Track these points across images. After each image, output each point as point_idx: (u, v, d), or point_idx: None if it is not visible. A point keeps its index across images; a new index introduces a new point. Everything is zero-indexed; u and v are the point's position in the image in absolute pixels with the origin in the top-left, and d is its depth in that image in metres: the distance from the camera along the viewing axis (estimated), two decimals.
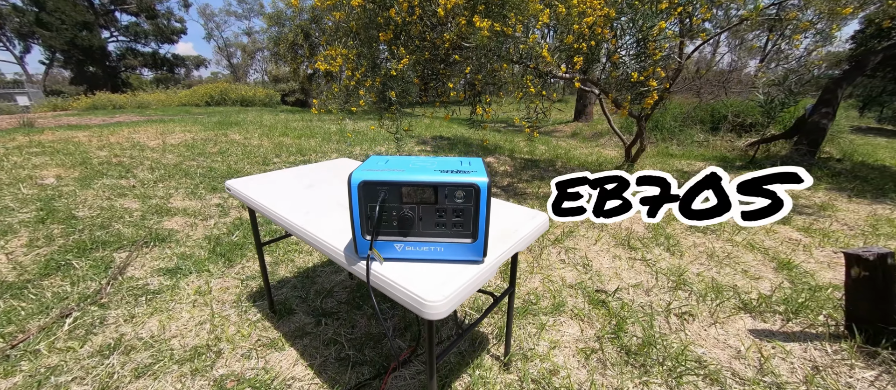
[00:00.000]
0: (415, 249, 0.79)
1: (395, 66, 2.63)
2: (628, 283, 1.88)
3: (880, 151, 5.95)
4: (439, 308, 0.68)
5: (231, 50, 30.74)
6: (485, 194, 0.73)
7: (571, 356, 1.39)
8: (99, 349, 1.37)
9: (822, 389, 1.21)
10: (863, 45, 10.04)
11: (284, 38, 10.56)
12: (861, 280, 1.25)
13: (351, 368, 1.31)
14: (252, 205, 1.22)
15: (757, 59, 7.44)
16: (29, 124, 7.06)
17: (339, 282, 1.86)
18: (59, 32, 18.75)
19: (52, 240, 2.23)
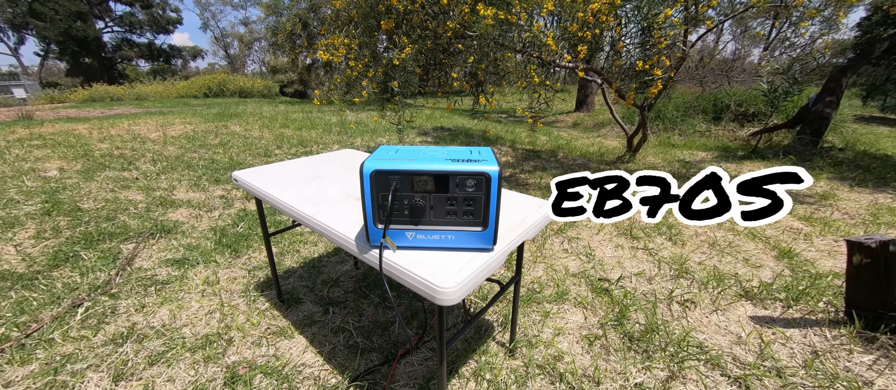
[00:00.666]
0: (426, 237, 0.80)
1: (397, 55, 2.60)
2: (631, 272, 1.91)
3: (883, 141, 5.93)
4: (452, 294, 0.70)
5: (228, 40, 30.32)
6: (496, 183, 0.73)
7: (575, 342, 1.41)
8: (112, 337, 1.40)
9: (821, 373, 1.24)
10: (869, 33, 9.90)
11: (282, 28, 10.41)
12: (863, 267, 1.26)
13: (360, 355, 1.33)
14: (260, 195, 1.22)
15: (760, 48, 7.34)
16: (28, 117, 7.03)
17: (345, 272, 1.88)
18: (53, 23, 18.48)
19: (59, 232, 2.24)
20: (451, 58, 3.06)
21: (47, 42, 20.09)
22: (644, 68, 2.46)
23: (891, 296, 1.26)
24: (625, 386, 1.21)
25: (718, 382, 1.22)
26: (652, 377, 1.24)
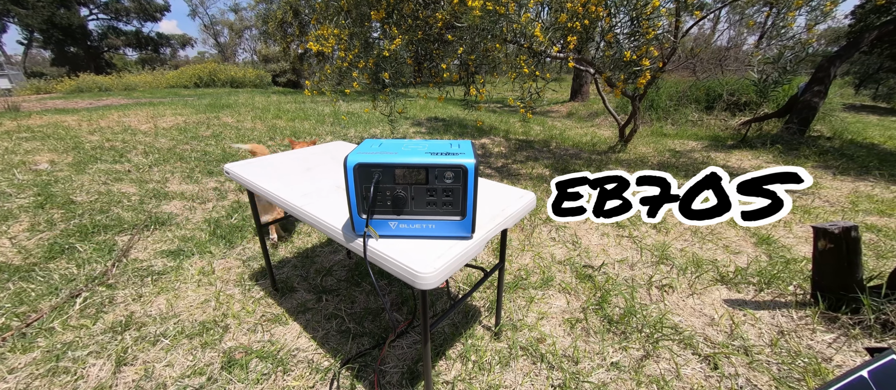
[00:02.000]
0: (408, 226, 0.85)
1: (387, 46, 2.60)
2: (614, 259, 1.98)
3: (870, 129, 6.04)
4: (430, 279, 0.75)
5: (217, 28, 29.56)
6: (472, 175, 0.78)
7: (557, 326, 1.48)
8: (111, 326, 1.45)
9: (785, 351, 1.32)
10: (862, 21, 9.92)
11: (273, 16, 10.19)
12: (827, 251, 1.34)
13: (352, 339, 1.39)
14: (252, 187, 1.26)
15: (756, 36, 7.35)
16: (15, 108, 6.89)
17: (338, 262, 1.93)
18: (36, 10, 17.89)
19: (53, 225, 2.26)
20: (443, 48, 3.06)
21: (30, 30, 19.47)
22: (632, 59, 2.49)
23: (851, 279, 1.34)
24: (602, 364, 1.28)
25: (689, 360, 1.30)
26: (628, 356, 1.32)
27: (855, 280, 1.34)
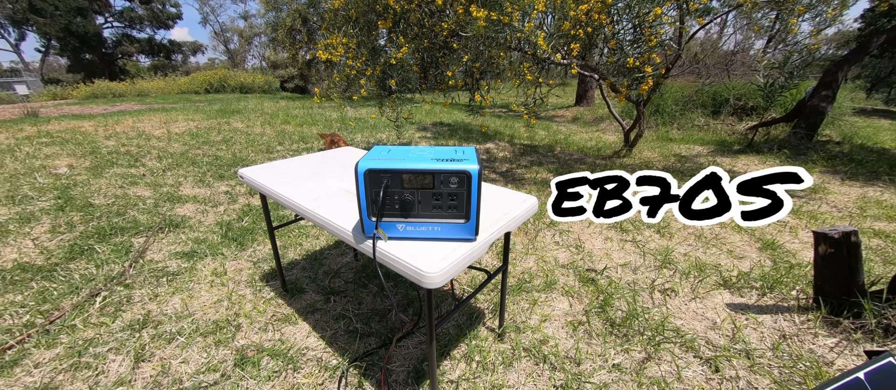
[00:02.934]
0: (415, 229, 0.89)
1: (394, 54, 2.67)
2: (617, 263, 2.00)
3: (882, 134, 5.95)
4: (436, 278, 0.79)
5: (227, 35, 30.24)
6: (476, 180, 0.82)
7: (560, 328, 1.51)
8: (129, 324, 1.51)
9: (787, 355, 1.33)
10: (872, 25, 9.80)
11: (282, 24, 10.44)
12: (828, 256, 1.35)
13: (359, 339, 1.44)
14: (265, 191, 1.32)
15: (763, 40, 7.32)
16: (34, 114, 7.13)
17: (346, 264, 1.98)
18: (53, 19, 18.52)
19: (73, 227, 2.35)
20: (448, 55, 3.12)
21: (48, 38, 20.14)
22: (635, 65, 2.52)
23: (853, 283, 1.34)
24: (603, 366, 1.31)
25: (690, 363, 1.32)
26: (629, 358, 1.34)
27: (856, 284, 1.35)
